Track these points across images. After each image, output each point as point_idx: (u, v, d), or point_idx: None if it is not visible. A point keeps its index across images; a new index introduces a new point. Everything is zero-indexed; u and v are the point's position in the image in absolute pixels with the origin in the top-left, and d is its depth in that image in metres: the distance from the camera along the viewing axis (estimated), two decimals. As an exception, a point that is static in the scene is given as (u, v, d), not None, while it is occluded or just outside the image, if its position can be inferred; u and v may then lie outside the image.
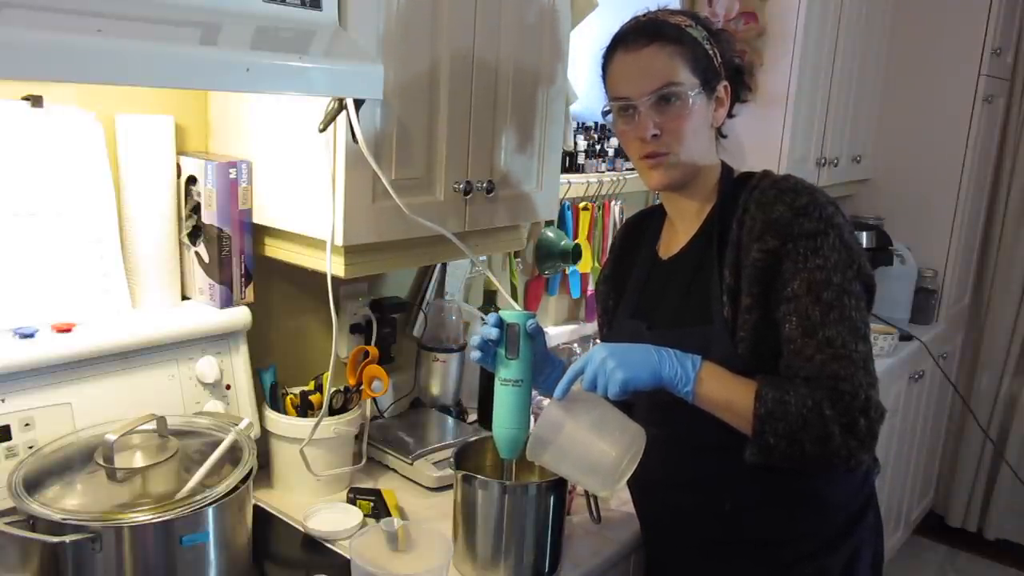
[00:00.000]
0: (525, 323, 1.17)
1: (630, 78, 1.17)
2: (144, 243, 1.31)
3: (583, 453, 1.13)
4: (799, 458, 1.06)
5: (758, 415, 1.06)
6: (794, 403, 1.05)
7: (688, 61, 1.16)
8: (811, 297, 1.08)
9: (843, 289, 1.08)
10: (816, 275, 1.08)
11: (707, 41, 1.19)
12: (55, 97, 1.21)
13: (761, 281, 1.11)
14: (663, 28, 1.17)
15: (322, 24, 1.11)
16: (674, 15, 1.20)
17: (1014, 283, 3.17)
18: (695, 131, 1.17)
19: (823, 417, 1.04)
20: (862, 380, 1.06)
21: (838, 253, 1.09)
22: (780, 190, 1.13)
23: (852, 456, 1.06)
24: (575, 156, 2.16)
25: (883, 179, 3.11)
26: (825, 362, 1.06)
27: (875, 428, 1.06)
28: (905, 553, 3.24)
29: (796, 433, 1.05)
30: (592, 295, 2.32)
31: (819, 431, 1.04)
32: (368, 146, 1.18)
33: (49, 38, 0.79)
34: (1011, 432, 3.23)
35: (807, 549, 1.20)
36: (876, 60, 2.90)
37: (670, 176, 1.19)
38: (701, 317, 1.17)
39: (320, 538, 1.33)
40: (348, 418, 1.48)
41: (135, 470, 1.08)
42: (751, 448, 1.08)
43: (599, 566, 1.35)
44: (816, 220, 1.09)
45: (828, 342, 1.07)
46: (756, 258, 1.11)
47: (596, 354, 1.10)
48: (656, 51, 1.15)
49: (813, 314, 1.08)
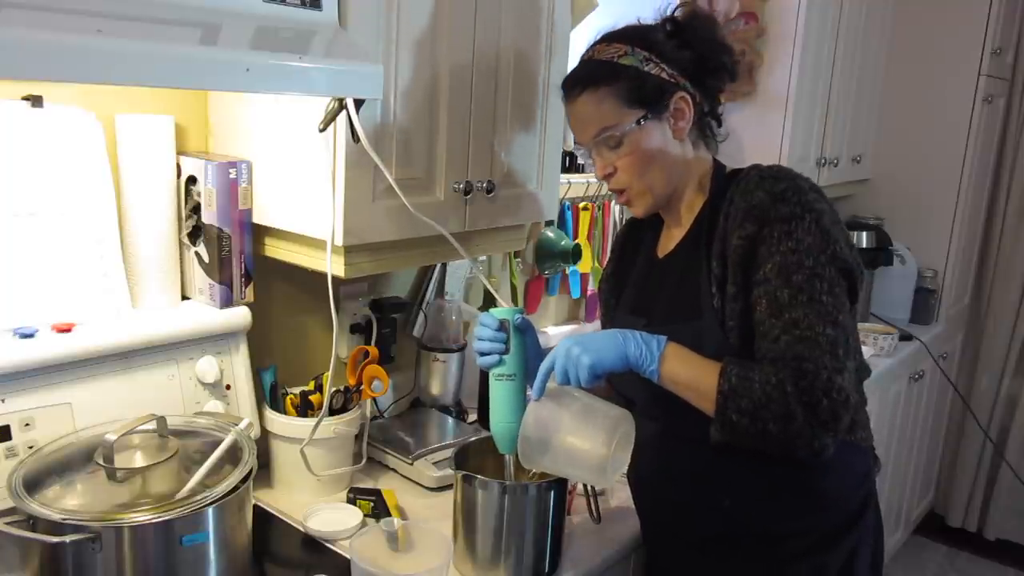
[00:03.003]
0: (513, 318, 1.19)
1: (575, 127, 1.23)
2: (144, 243, 1.31)
3: (572, 449, 1.13)
4: (761, 437, 1.06)
5: (721, 391, 1.07)
6: (758, 380, 1.06)
7: (622, 97, 1.17)
8: (781, 279, 1.08)
9: (814, 272, 1.08)
10: (788, 258, 1.08)
11: (647, 61, 1.17)
12: (55, 97, 1.21)
13: (742, 267, 1.12)
14: (592, 71, 1.19)
15: (322, 24, 1.11)
16: (609, 46, 1.19)
17: (1014, 283, 3.16)
18: (648, 159, 1.19)
19: (785, 395, 1.04)
20: (827, 363, 1.05)
21: (813, 237, 1.09)
22: (762, 177, 1.14)
23: (815, 439, 1.06)
24: (575, 156, 2.15)
25: (883, 179, 3.11)
26: (790, 343, 1.06)
27: (839, 412, 1.05)
28: (905, 553, 3.24)
29: (758, 410, 1.05)
30: (592, 295, 2.32)
31: (781, 409, 1.04)
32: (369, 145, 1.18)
33: (49, 38, 0.79)
34: (1011, 432, 3.23)
35: (806, 545, 1.20)
36: (876, 60, 2.90)
37: (643, 205, 1.23)
38: (693, 311, 1.18)
39: (320, 538, 1.33)
40: (348, 418, 1.48)
41: (135, 470, 1.08)
42: (714, 425, 1.09)
43: (599, 566, 1.35)
44: (793, 204, 1.10)
45: (794, 324, 1.07)
46: (736, 245, 1.12)
47: (562, 347, 1.12)
48: (586, 99, 1.18)
49: (781, 296, 1.08)
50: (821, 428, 1.05)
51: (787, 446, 1.07)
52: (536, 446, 1.13)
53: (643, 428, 1.30)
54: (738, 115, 2.38)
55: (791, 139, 2.38)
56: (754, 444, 1.08)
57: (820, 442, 1.06)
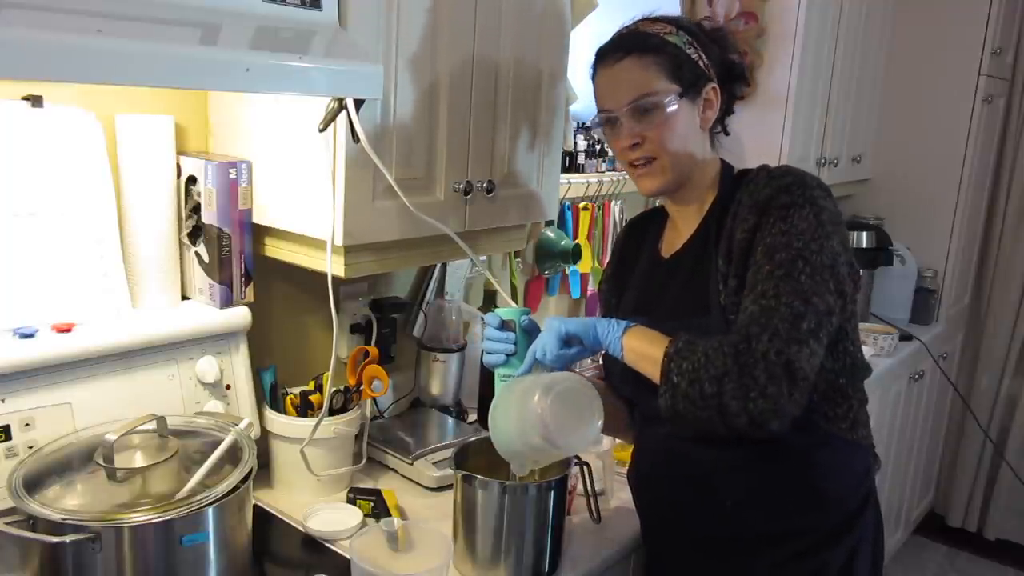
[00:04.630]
0: (520, 319, 1.19)
1: (609, 91, 1.21)
2: (144, 243, 1.31)
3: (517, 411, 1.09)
4: (699, 401, 1.05)
5: (667, 353, 1.08)
6: (702, 345, 1.07)
7: (666, 69, 1.18)
8: (765, 258, 1.09)
9: (799, 254, 1.08)
10: (777, 239, 1.09)
11: (690, 45, 1.20)
12: (55, 97, 1.21)
13: (743, 260, 1.13)
14: (640, 39, 1.20)
15: (322, 24, 1.11)
16: (655, 23, 1.22)
17: (1014, 283, 3.16)
18: (678, 136, 1.19)
19: (723, 356, 1.04)
20: (778, 328, 1.04)
21: (806, 223, 1.09)
22: (770, 175, 1.16)
23: (750, 401, 1.02)
24: (575, 156, 2.16)
25: (883, 179, 3.11)
26: (752, 313, 1.07)
27: (777, 377, 1.02)
28: (905, 553, 3.24)
29: (697, 371, 1.05)
30: (592, 295, 2.32)
31: (717, 370, 1.04)
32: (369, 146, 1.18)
33: (49, 38, 0.79)
34: (1011, 432, 3.23)
35: (806, 545, 1.20)
36: (876, 60, 2.90)
37: (657, 182, 1.22)
38: (699, 309, 1.18)
39: (320, 538, 1.33)
40: (348, 418, 1.48)
41: (135, 470, 1.08)
42: (660, 390, 1.09)
43: (599, 566, 1.35)
44: (795, 195, 1.11)
45: (762, 295, 1.07)
46: (740, 239, 1.13)
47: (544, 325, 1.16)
48: (631, 63, 1.18)
49: (760, 272, 1.09)
50: (758, 393, 1.02)
51: (724, 411, 1.04)
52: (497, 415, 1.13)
53: (644, 428, 1.31)
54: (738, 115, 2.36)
55: (791, 139, 2.38)
56: (695, 411, 1.06)
57: (756, 406, 1.03)
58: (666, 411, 1.09)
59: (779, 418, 1.04)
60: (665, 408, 1.09)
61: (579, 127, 2.20)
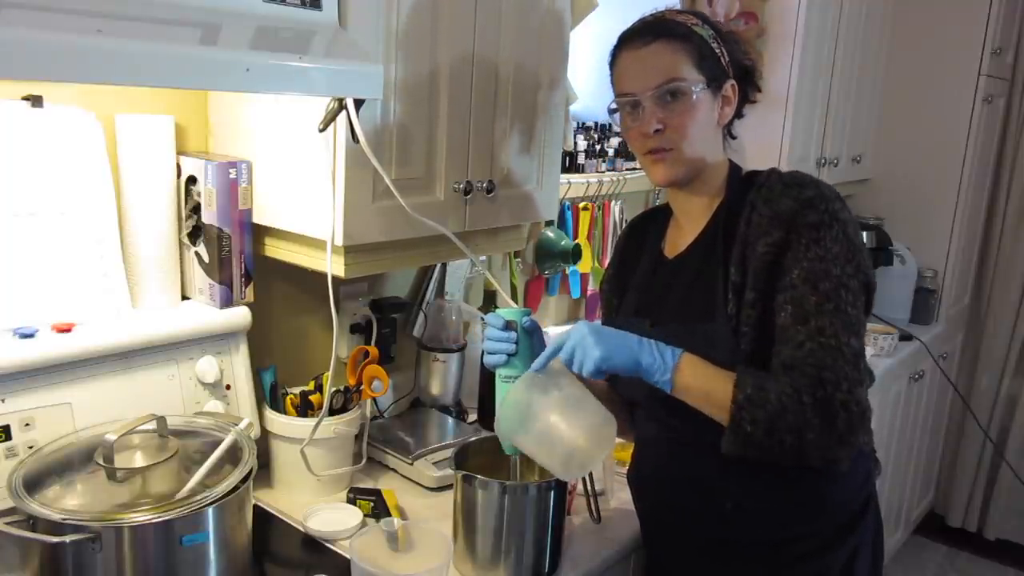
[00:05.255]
0: (521, 319, 1.19)
1: (635, 74, 1.18)
2: (144, 243, 1.31)
3: (551, 430, 1.10)
4: (776, 449, 1.06)
5: (736, 401, 1.06)
6: (774, 391, 1.05)
7: (693, 58, 1.17)
8: (808, 286, 1.08)
9: (841, 282, 1.08)
10: (816, 265, 1.08)
11: (714, 40, 1.20)
12: (55, 97, 1.21)
13: (766, 275, 1.11)
14: (669, 26, 1.19)
15: (322, 24, 1.11)
16: (681, 14, 1.22)
17: (1014, 283, 3.16)
18: (699, 127, 1.18)
19: (802, 405, 1.04)
20: (848, 373, 1.05)
21: (840, 246, 1.09)
22: (786, 184, 1.14)
23: (829, 450, 1.05)
24: (575, 156, 2.15)
25: (883, 179, 3.11)
26: (813, 351, 1.06)
27: (855, 425, 1.05)
28: (905, 553, 3.24)
29: (774, 421, 1.04)
30: (592, 295, 2.32)
31: (797, 420, 1.04)
32: (369, 146, 1.18)
33: (49, 38, 0.79)
34: (1011, 432, 3.23)
35: (808, 549, 1.20)
36: (876, 60, 2.90)
37: (674, 172, 1.20)
38: (705, 314, 1.17)
39: (320, 538, 1.33)
40: (348, 418, 1.48)
41: (135, 470, 1.08)
42: (727, 437, 1.08)
43: (599, 566, 1.35)
44: (821, 212, 1.10)
45: (819, 331, 1.07)
46: (762, 252, 1.11)
47: (577, 330, 1.10)
48: (661, 47, 1.17)
49: (808, 302, 1.08)
50: (836, 441, 1.05)
51: (801, 458, 1.07)
52: (517, 416, 1.11)
53: (645, 430, 1.30)
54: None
55: (791, 139, 2.38)
56: (767, 456, 1.07)
57: (834, 453, 1.06)
58: (729, 452, 1.08)
59: (851, 458, 1.09)
60: (728, 450, 1.08)
61: (579, 127, 2.20)
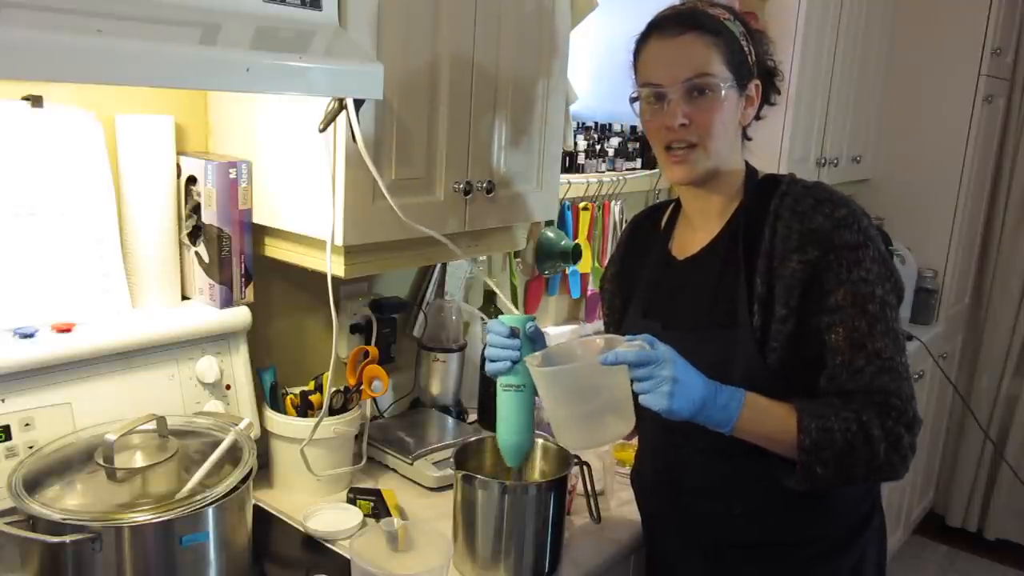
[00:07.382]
0: (525, 326, 1.17)
1: (663, 65, 1.14)
2: (144, 243, 1.31)
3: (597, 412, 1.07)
4: (847, 481, 1.09)
5: (803, 447, 1.06)
6: (838, 429, 1.05)
7: (724, 54, 1.13)
8: (856, 309, 1.08)
9: (885, 301, 1.09)
10: (860, 287, 1.08)
11: (744, 37, 1.17)
12: (55, 97, 1.21)
13: (800, 291, 1.10)
14: (702, 18, 1.15)
15: (322, 24, 1.11)
16: (714, 7, 1.18)
17: (1014, 283, 3.17)
18: (723, 125, 1.15)
19: (870, 438, 1.05)
20: (909, 393, 1.08)
21: (878, 265, 1.10)
22: (817, 200, 1.11)
23: (894, 470, 1.08)
24: (575, 156, 2.15)
25: (883, 179, 3.11)
26: (875, 375, 1.07)
27: (915, 442, 1.08)
28: (905, 553, 3.24)
29: (844, 458, 1.06)
30: (593, 295, 2.32)
31: (866, 453, 1.06)
32: (367, 146, 1.18)
33: (49, 38, 0.79)
34: (1011, 432, 3.23)
35: (818, 551, 1.20)
36: (876, 60, 2.90)
37: (694, 171, 1.16)
38: (726, 321, 1.15)
39: (320, 538, 1.33)
40: (348, 418, 1.48)
41: (135, 470, 1.08)
42: (798, 478, 1.08)
43: (599, 566, 1.35)
44: (856, 232, 1.10)
45: (877, 354, 1.08)
46: (795, 269, 1.10)
47: (666, 354, 1.02)
48: (693, 39, 1.13)
49: (860, 326, 1.08)
50: (901, 460, 1.07)
51: (871, 480, 1.11)
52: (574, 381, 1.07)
53: (653, 433, 1.28)
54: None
55: (791, 139, 2.37)
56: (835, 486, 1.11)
57: (896, 472, 1.08)
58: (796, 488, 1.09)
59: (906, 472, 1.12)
60: (797, 488, 1.09)
61: (579, 127, 2.20)
